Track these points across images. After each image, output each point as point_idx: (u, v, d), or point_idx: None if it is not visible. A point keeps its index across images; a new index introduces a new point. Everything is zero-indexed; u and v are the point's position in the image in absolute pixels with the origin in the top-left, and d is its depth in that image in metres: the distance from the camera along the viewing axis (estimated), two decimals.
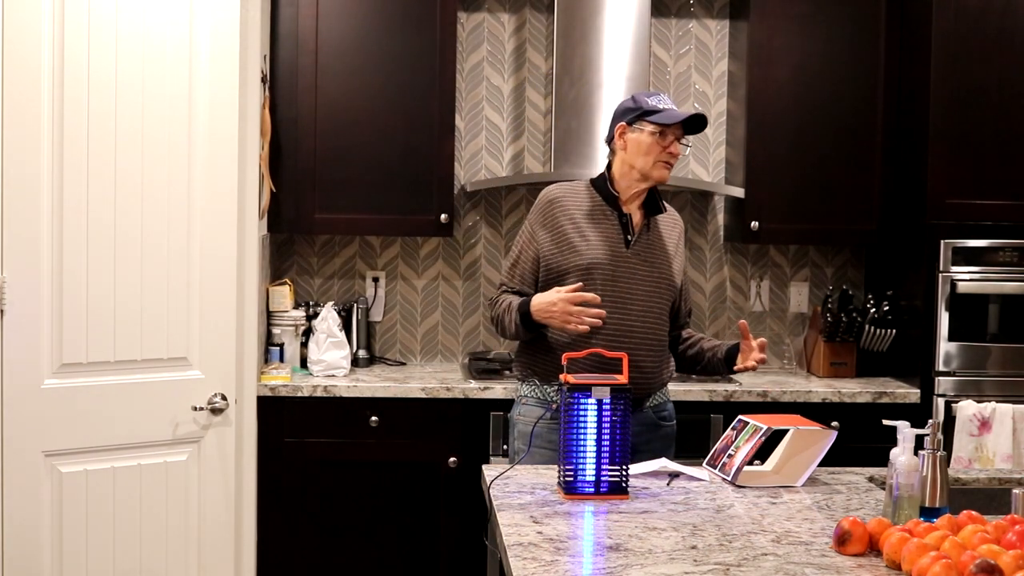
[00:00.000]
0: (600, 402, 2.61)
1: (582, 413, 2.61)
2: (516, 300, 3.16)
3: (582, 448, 2.61)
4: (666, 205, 3.31)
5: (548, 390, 3.17)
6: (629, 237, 3.19)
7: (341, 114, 4.23)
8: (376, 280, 4.59)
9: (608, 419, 2.62)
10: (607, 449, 2.61)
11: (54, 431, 3.27)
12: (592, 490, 2.60)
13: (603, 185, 3.23)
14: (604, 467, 2.61)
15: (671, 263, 3.24)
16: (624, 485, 2.61)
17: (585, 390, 2.62)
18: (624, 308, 3.14)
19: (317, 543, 4.03)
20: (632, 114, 3.17)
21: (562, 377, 2.68)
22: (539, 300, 3.08)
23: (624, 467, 2.62)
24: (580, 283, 3.06)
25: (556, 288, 3.07)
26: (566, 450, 2.61)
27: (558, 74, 4.32)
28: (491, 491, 2.65)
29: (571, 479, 2.61)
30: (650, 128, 3.14)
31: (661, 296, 3.20)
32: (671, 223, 3.32)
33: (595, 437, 2.61)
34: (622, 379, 2.65)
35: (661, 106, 3.16)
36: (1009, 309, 4.16)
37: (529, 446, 3.04)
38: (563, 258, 3.16)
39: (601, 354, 2.88)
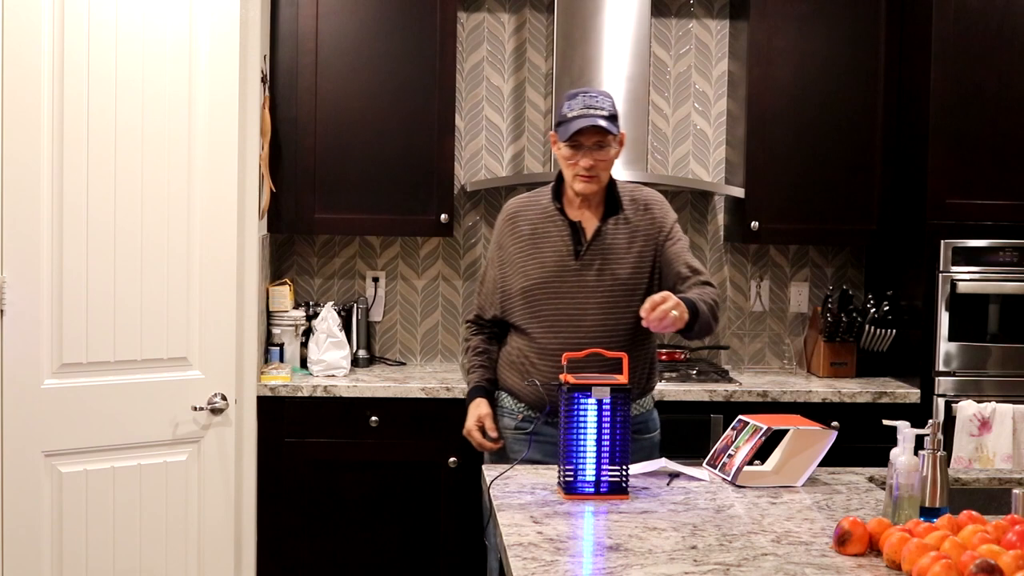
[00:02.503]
0: (600, 402, 2.61)
1: (582, 413, 2.61)
2: (473, 368, 3.26)
3: (582, 448, 2.61)
4: (639, 192, 3.18)
5: (517, 405, 3.18)
6: (579, 247, 3.09)
7: (341, 114, 4.23)
8: (376, 280, 4.59)
9: (608, 419, 2.61)
10: (607, 449, 2.61)
11: (54, 431, 3.27)
12: (592, 490, 2.60)
13: (556, 193, 3.16)
14: (604, 467, 2.61)
15: (633, 262, 3.08)
16: (624, 485, 2.61)
17: (585, 390, 2.61)
18: (575, 325, 3.06)
19: (317, 543, 4.03)
20: (555, 124, 3.10)
21: (562, 377, 2.68)
22: (470, 411, 3.21)
23: (624, 467, 2.62)
24: (487, 413, 3.16)
25: (477, 411, 3.18)
26: (566, 450, 2.61)
27: (558, 74, 4.32)
28: (491, 491, 2.65)
29: (571, 479, 2.61)
30: (561, 143, 3.06)
31: (617, 305, 3.06)
32: (641, 211, 3.15)
33: (595, 437, 2.61)
34: (622, 379, 2.65)
35: (571, 114, 3.02)
36: (1009, 309, 4.16)
37: (529, 446, 3.03)
38: (509, 282, 3.15)
39: (600, 354, 2.86)
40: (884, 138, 4.36)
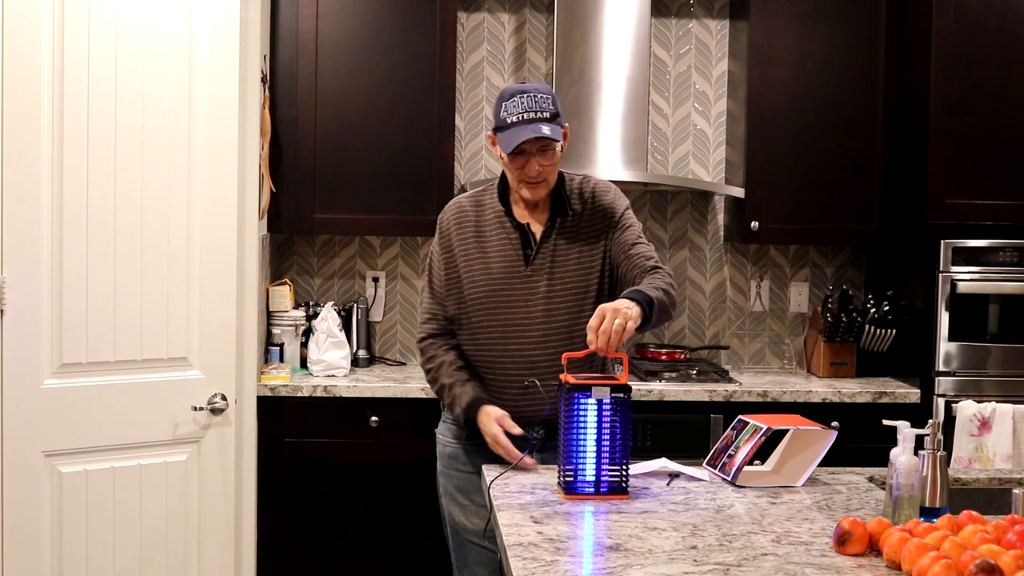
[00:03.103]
0: (600, 402, 2.60)
1: (581, 413, 2.60)
2: (457, 383, 2.97)
3: (582, 448, 2.60)
4: (587, 184, 3.03)
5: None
6: (529, 252, 2.96)
7: (341, 114, 4.23)
8: (376, 280, 4.59)
9: (608, 419, 2.60)
10: (607, 449, 2.60)
11: (54, 431, 3.27)
12: (592, 490, 2.60)
13: (501, 194, 3.01)
14: (604, 467, 2.60)
15: (585, 263, 2.96)
16: (624, 485, 2.61)
17: (585, 390, 2.60)
18: (523, 334, 2.95)
19: (317, 543, 4.03)
20: (494, 127, 2.92)
21: (562, 377, 2.66)
22: (483, 421, 2.91)
23: (624, 467, 2.61)
24: (503, 413, 2.88)
25: (492, 416, 2.89)
26: (566, 450, 2.60)
27: (558, 74, 4.32)
28: (491, 491, 2.65)
29: (571, 479, 2.60)
30: (499, 149, 2.90)
31: (569, 310, 2.94)
32: (589, 205, 3.00)
33: (595, 437, 2.60)
34: (622, 378, 2.65)
35: (510, 119, 2.85)
36: (1009, 309, 4.16)
37: (530, 450, 2.92)
38: (458, 292, 3.00)
39: (597, 352, 2.72)
40: (884, 138, 4.36)
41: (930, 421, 2.46)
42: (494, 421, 2.89)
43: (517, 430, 2.87)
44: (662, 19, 4.62)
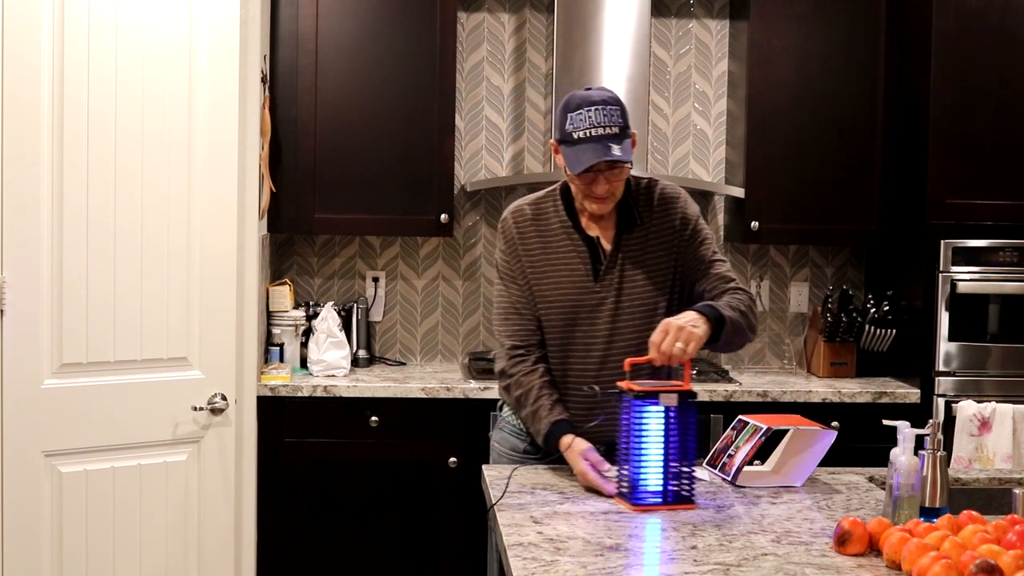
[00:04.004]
0: (667, 410, 2.50)
1: (647, 421, 2.50)
2: (544, 411, 2.77)
3: (646, 457, 2.50)
4: (655, 188, 2.90)
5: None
6: (599, 266, 2.82)
7: (341, 114, 4.23)
8: (376, 280, 4.59)
9: (675, 427, 2.51)
10: (674, 458, 2.50)
11: (54, 431, 3.27)
12: (659, 500, 2.50)
13: (568, 202, 2.85)
14: (671, 477, 2.50)
15: (656, 277, 2.84)
16: (690, 495, 2.52)
17: (651, 397, 2.50)
18: (586, 352, 2.83)
19: (317, 543, 4.03)
20: (557, 133, 2.77)
21: (624, 384, 2.55)
22: (569, 456, 2.71)
23: (690, 476, 2.52)
24: (590, 446, 2.68)
25: (576, 448, 2.69)
26: (629, 460, 2.51)
27: (558, 74, 4.32)
28: (491, 491, 2.65)
29: (635, 489, 2.51)
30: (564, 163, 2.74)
31: (639, 328, 2.80)
32: (660, 213, 2.87)
33: (661, 446, 2.50)
34: (687, 385, 2.55)
35: (577, 133, 2.69)
36: (1009, 309, 4.16)
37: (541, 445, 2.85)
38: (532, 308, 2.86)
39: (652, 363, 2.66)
40: (884, 138, 4.36)
41: (930, 421, 2.46)
42: (583, 458, 2.67)
43: (607, 467, 2.66)
44: (662, 19, 4.62)
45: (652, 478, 2.51)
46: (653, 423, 2.51)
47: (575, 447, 2.70)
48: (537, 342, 2.87)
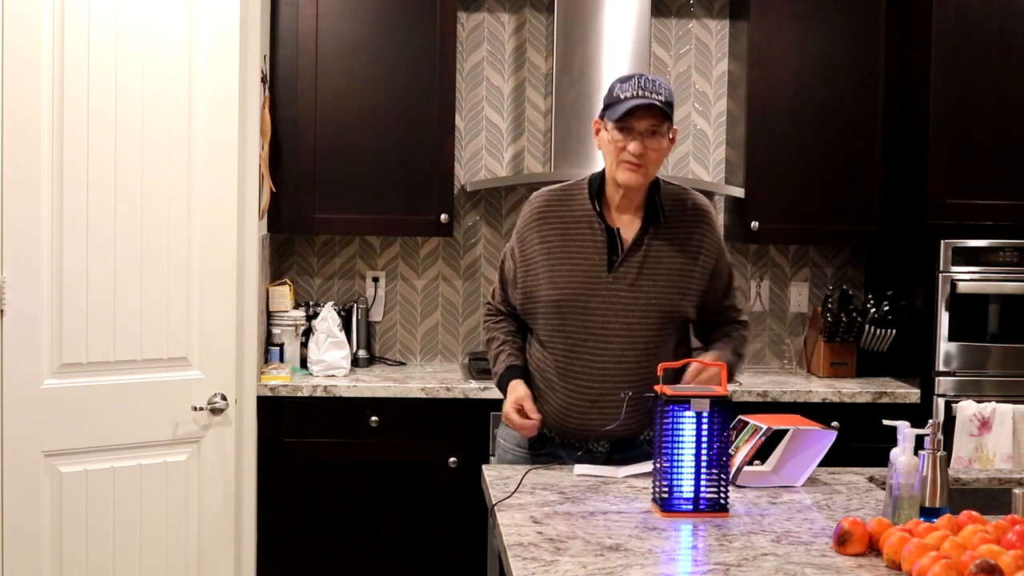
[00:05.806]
0: (699, 415, 2.47)
1: (679, 426, 2.47)
2: (503, 350, 2.97)
3: (679, 463, 2.47)
4: (685, 196, 2.91)
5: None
6: (615, 258, 2.82)
7: (341, 114, 4.23)
8: (376, 280, 4.59)
9: (707, 433, 2.47)
10: (706, 464, 2.47)
11: (54, 431, 3.27)
12: (691, 507, 2.47)
13: (595, 191, 2.86)
14: (703, 483, 2.47)
15: (674, 280, 2.84)
16: (724, 502, 2.48)
17: (683, 402, 2.47)
18: (597, 345, 2.82)
19: (317, 543, 4.03)
20: (603, 107, 2.82)
21: (658, 388, 2.52)
22: (508, 397, 2.91)
23: (723, 483, 2.48)
24: (525, 394, 2.86)
25: (515, 390, 2.88)
26: (662, 466, 2.48)
27: (558, 74, 4.32)
28: (491, 491, 2.65)
29: (667, 495, 2.47)
30: (610, 124, 2.78)
31: (650, 327, 2.81)
32: (689, 221, 2.87)
33: (693, 452, 2.46)
34: (721, 390, 2.53)
35: (623, 94, 2.75)
36: (1009, 309, 4.16)
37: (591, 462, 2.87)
38: (533, 286, 2.89)
39: (694, 361, 2.74)
40: (884, 138, 4.36)
41: (930, 421, 2.46)
42: (514, 399, 2.88)
43: (535, 415, 2.86)
44: (662, 19, 4.62)
45: (683, 485, 2.47)
46: (683, 429, 2.47)
47: (516, 390, 2.88)
48: (508, 312, 3.01)
